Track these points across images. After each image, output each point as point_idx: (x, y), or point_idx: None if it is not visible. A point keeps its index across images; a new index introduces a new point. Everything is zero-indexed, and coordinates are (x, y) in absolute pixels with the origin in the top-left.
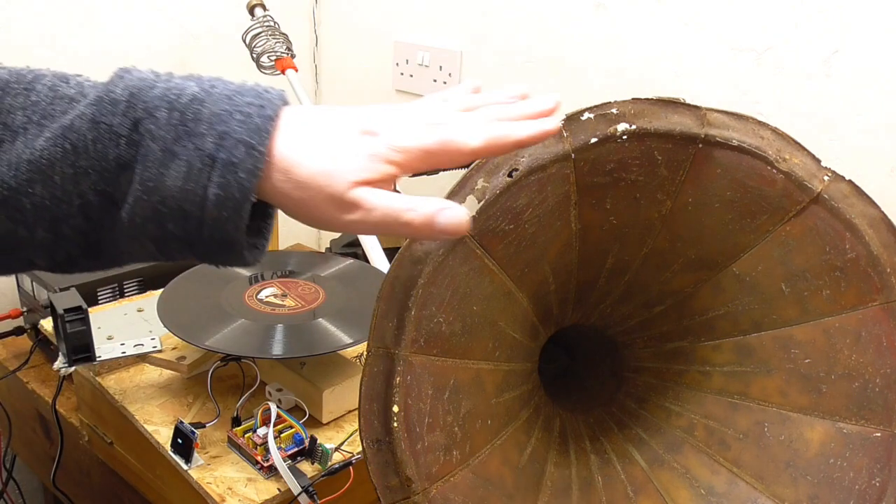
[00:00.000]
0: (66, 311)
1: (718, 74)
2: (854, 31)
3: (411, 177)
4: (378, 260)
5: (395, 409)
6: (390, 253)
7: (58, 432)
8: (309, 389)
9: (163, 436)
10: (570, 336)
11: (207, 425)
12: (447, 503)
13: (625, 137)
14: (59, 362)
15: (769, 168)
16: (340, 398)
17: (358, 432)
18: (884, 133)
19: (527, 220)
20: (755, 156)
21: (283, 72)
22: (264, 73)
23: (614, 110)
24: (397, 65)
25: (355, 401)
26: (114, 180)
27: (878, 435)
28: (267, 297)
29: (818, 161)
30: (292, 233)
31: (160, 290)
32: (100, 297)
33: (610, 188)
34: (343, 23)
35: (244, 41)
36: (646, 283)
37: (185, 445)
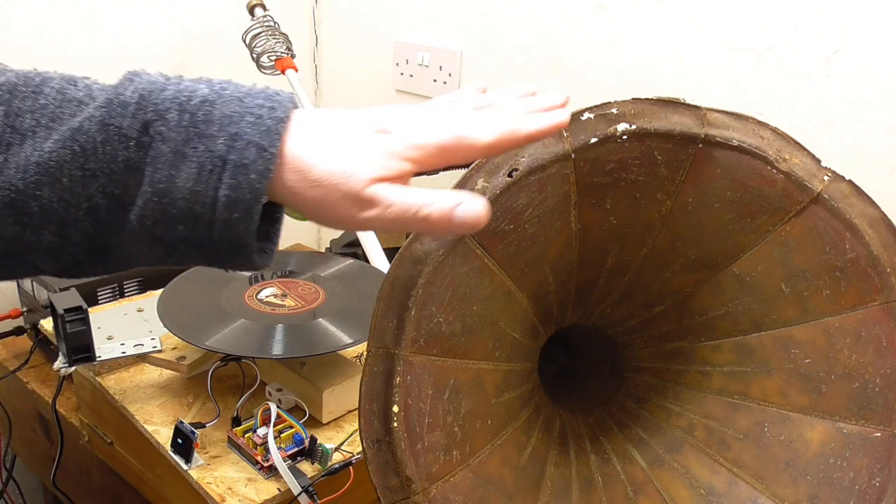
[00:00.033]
0: (66, 311)
1: (718, 74)
2: (854, 31)
3: (414, 176)
4: (378, 260)
5: (395, 409)
6: (390, 253)
7: (58, 432)
8: (309, 389)
9: (163, 436)
10: (570, 336)
11: (207, 425)
12: (447, 503)
13: (625, 137)
14: (59, 362)
15: (769, 168)
16: (340, 398)
17: (358, 432)
18: (884, 133)
19: (527, 220)
20: (755, 156)
21: (283, 72)
22: (264, 73)
23: (614, 110)
24: (397, 65)
25: (355, 401)
26: (122, 183)
27: (878, 435)
28: (267, 297)
29: (818, 161)
30: (292, 233)
31: (160, 290)
32: (100, 297)
33: (610, 188)
34: (343, 23)
35: (244, 41)
36: (646, 283)
37: (185, 445)
